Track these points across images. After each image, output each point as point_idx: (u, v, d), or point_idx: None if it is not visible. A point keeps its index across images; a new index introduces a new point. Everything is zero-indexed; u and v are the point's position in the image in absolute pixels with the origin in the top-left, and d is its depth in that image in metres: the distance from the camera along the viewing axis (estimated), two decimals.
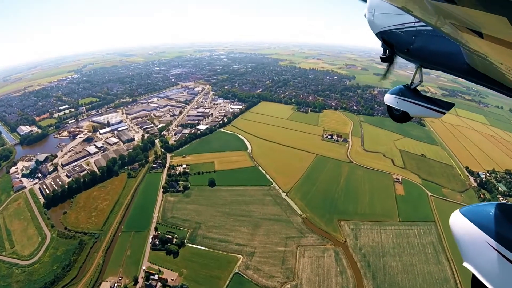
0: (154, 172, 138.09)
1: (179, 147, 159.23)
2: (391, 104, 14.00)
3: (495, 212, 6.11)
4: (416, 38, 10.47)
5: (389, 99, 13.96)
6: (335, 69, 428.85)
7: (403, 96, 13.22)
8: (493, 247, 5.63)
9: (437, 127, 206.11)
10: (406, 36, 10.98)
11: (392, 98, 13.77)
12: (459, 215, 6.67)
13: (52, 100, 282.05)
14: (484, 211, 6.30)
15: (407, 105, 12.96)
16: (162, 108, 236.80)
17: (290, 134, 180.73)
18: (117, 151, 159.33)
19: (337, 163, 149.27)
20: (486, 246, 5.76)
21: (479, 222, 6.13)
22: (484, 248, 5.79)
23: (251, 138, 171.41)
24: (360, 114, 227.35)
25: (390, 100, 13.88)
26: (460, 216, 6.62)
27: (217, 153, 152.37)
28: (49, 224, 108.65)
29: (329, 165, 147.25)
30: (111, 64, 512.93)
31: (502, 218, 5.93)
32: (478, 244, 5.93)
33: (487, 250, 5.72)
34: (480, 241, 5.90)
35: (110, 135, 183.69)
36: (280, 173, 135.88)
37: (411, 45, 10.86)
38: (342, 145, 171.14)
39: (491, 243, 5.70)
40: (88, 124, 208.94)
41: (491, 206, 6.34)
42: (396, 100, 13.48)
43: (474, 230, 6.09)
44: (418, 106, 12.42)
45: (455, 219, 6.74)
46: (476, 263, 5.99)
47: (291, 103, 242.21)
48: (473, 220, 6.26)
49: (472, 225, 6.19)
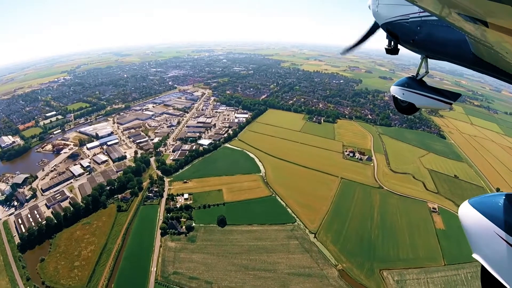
0: (150, 203, 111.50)
1: (178, 169, 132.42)
2: (397, 95, 13.12)
3: (504, 202, 5.84)
4: (421, 28, 9.86)
5: (395, 91, 13.18)
6: (339, 71, 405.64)
7: (409, 87, 12.51)
8: (502, 238, 5.38)
9: (457, 139, 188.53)
10: (411, 27, 10.31)
11: (398, 89, 13.01)
12: (468, 206, 6.33)
13: (40, 105, 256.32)
14: (493, 201, 6.00)
15: (414, 96, 12.26)
16: (158, 117, 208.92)
17: (307, 150, 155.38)
18: (105, 173, 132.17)
19: (366, 189, 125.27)
20: (495, 236, 5.51)
21: (488, 212, 5.84)
22: (493, 238, 5.54)
23: (262, 157, 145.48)
24: (377, 124, 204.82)
25: (396, 91, 13.10)
26: (469, 207, 6.28)
27: (225, 177, 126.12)
28: (24, 275, 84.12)
29: (357, 192, 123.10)
30: (105, 64, 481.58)
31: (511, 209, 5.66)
32: (487, 234, 5.66)
33: (496, 240, 5.48)
34: (489, 231, 5.63)
35: (98, 151, 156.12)
36: (303, 205, 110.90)
37: (416, 36, 10.22)
38: (367, 165, 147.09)
39: (500, 233, 5.44)
40: (75, 136, 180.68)
41: (500, 196, 6.02)
42: (402, 91, 12.76)
43: (483, 220, 5.81)
44: (425, 97, 11.76)
45: (464, 210, 6.40)
46: (485, 254, 5.76)
47: (301, 111, 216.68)
48: (482, 210, 5.97)
49: (481, 215, 5.91)
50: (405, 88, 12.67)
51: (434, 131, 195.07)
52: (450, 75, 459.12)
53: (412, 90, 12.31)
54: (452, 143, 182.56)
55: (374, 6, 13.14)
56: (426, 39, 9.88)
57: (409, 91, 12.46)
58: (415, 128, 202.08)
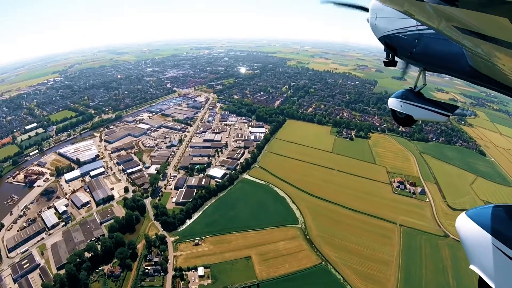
0: (149, 284, 73.61)
1: (185, 219, 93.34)
2: (395, 108, 12.61)
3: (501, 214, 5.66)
4: (418, 41, 9.64)
5: (393, 103, 12.62)
6: (350, 71, 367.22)
7: (407, 99, 12.02)
8: (500, 249, 5.20)
9: (496, 155, 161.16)
10: (409, 40, 10.10)
11: (396, 101, 12.48)
12: (465, 217, 6.11)
13: (23, 113, 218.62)
14: (490, 213, 5.78)
15: (411, 109, 11.73)
16: (155, 132, 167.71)
17: (348, 182, 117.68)
18: (85, 226, 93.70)
19: (431, 241, 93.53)
20: (492, 248, 5.32)
21: (485, 224, 5.63)
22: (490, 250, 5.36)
23: (295, 194, 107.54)
24: (414, 139, 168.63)
25: (394, 104, 12.55)
26: (466, 219, 6.05)
27: (252, 234, 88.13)
28: None
29: (424, 246, 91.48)
30: (99, 63, 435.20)
31: (509, 220, 5.49)
32: (485, 246, 5.46)
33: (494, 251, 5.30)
34: (486, 243, 5.44)
35: (78, 185, 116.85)
36: (364, 276, 76.71)
37: (414, 49, 10.01)
38: (422, 201, 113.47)
39: (497, 245, 5.26)
40: (54, 159, 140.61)
41: (497, 208, 5.82)
42: (400, 103, 12.25)
43: (480, 232, 5.61)
44: (423, 109, 11.29)
45: (461, 221, 6.18)
46: (482, 265, 5.51)
47: (325, 122, 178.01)
48: (479, 222, 5.75)
49: (478, 227, 5.70)
50: (403, 100, 12.10)
51: (472, 146, 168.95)
52: None
53: (410, 102, 11.74)
54: (492, 161, 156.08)
55: (372, 20, 12.61)
56: (423, 52, 9.64)
57: (407, 103, 11.88)
58: (453, 143, 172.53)
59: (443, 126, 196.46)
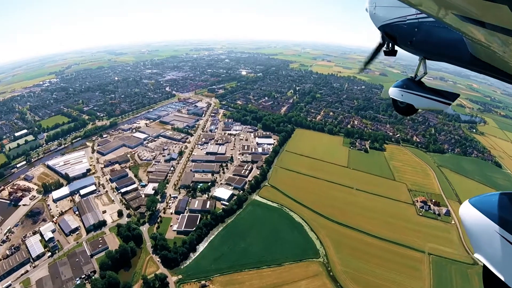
0: None
1: (188, 253, 79.84)
2: (396, 98, 12.35)
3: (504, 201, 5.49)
4: (418, 30, 9.36)
5: (394, 92, 12.36)
6: (354, 74, 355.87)
7: (407, 88, 11.74)
8: (504, 237, 5.08)
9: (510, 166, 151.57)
10: (408, 29, 9.82)
11: (396, 91, 12.19)
12: (468, 205, 5.90)
13: (15, 117, 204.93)
14: (494, 200, 5.62)
15: (412, 98, 11.52)
16: (152, 142, 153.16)
17: (371, 204, 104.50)
18: (73, 259, 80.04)
19: (462, 271, 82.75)
20: (496, 235, 5.21)
21: (489, 212, 5.48)
22: (494, 238, 5.25)
23: (313, 219, 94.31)
24: (429, 150, 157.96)
25: (395, 93, 12.27)
26: (469, 207, 5.85)
27: (267, 271, 74.92)
28: None
29: (455, 279, 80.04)
30: (97, 64, 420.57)
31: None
32: (489, 234, 5.34)
33: (498, 239, 5.19)
34: (490, 231, 5.32)
35: (67, 205, 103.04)
36: None
37: (413, 37, 9.70)
38: (447, 223, 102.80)
39: (501, 232, 5.14)
40: (42, 172, 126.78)
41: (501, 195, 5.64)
42: (401, 93, 11.94)
43: (484, 220, 5.47)
44: (424, 98, 11.08)
45: (464, 209, 5.98)
46: (486, 254, 5.43)
47: (337, 132, 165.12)
48: (483, 210, 5.59)
49: (482, 215, 5.54)
50: (404, 89, 11.78)
51: (487, 157, 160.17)
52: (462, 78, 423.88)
53: (411, 91, 11.50)
54: (509, 173, 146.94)
55: (371, 9, 12.32)
56: (423, 41, 9.37)
57: (408, 92, 11.63)
58: (468, 154, 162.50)
59: (456, 135, 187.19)
